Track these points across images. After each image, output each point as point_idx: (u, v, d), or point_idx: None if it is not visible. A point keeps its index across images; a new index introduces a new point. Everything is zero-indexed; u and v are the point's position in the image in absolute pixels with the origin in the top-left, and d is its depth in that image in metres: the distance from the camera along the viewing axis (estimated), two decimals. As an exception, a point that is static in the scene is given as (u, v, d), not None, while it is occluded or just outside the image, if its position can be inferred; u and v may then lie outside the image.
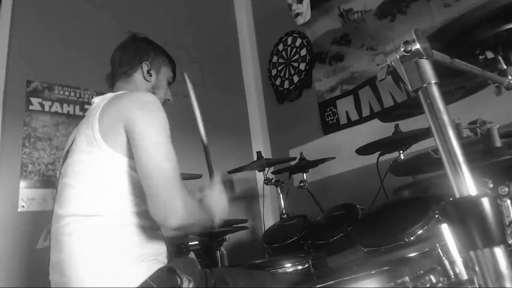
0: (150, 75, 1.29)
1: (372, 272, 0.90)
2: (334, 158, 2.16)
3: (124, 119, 1.03)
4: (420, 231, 1.14)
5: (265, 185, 2.30)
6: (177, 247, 2.06)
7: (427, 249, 0.96)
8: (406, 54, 0.53)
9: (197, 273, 1.07)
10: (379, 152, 1.80)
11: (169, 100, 1.36)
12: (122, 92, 1.18)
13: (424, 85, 0.53)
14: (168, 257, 1.10)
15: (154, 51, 1.32)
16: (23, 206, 2.00)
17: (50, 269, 1.05)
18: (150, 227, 1.06)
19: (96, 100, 1.19)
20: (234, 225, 2.06)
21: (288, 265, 1.40)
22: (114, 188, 1.02)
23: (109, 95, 1.16)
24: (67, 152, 1.14)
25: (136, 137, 1.00)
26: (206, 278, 1.08)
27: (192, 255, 2.04)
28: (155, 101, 1.08)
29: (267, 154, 2.99)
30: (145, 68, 1.28)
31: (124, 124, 1.02)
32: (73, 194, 1.03)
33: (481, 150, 0.95)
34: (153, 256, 1.03)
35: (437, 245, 0.88)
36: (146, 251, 1.01)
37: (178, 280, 1.00)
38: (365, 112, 2.40)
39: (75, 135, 1.16)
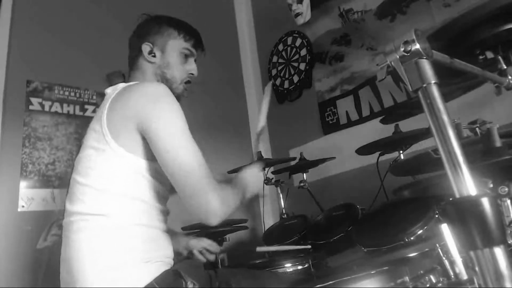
0: (154, 55, 1.19)
1: (372, 272, 0.90)
2: (334, 158, 2.16)
3: (135, 118, 0.99)
4: (420, 231, 1.14)
5: (265, 185, 2.30)
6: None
7: (427, 249, 0.97)
8: (406, 54, 0.53)
9: (202, 276, 1.07)
10: (379, 152, 1.80)
11: (192, 74, 1.25)
12: (131, 83, 1.13)
13: (424, 85, 0.53)
14: (174, 259, 1.09)
15: (158, 27, 1.22)
16: (23, 206, 2.00)
17: (60, 262, 1.05)
18: (156, 228, 1.06)
19: (108, 90, 1.15)
20: (234, 225, 2.06)
21: (288, 265, 1.40)
22: (119, 188, 1.01)
23: (121, 85, 1.12)
24: (80, 145, 1.12)
25: (153, 138, 0.97)
26: (210, 281, 1.07)
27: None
28: (165, 93, 1.03)
29: (267, 154, 2.99)
30: (146, 49, 1.19)
31: (137, 123, 0.99)
32: (81, 191, 1.02)
33: (481, 150, 0.95)
34: (159, 258, 1.02)
35: (437, 245, 0.88)
36: (152, 253, 1.00)
37: (183, 282, 0.99)
38: (365, 112, 2.40)
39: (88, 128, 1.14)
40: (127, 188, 1.02)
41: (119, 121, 1.01)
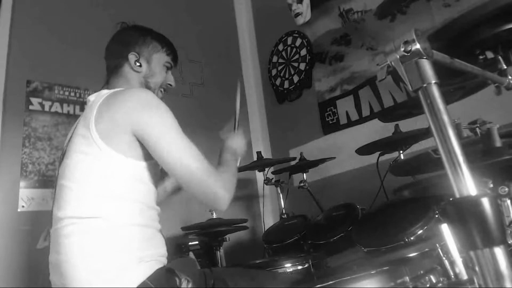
0: (140, 65, 1.24)
1: (372, 272, 0.90)
2: (334, 158, 2.16)
3: (130, 122, 1.03)
4: (420, 231, 1.14)
5: (265, 185, 2.30)
6: (177, 247, 2.07)
7: (427, 249, 0.97)
8: (406, 54, 0.53)
9: (196, 273, 1.07)
10: (379, 152, 1.80)
11: (170, 85, 1.33)
12: (117, 89, 1.16)
13: (424, 85, 0.53)
14: (168, 258, 1.10)
15: (143, 39, 1.26)
16: (23, 206, 2.00)
17: (50, 269, 1.05)
18: (150, 227, 1.06)
19: (92, 98, 1.17)
20: (234, 225, 2.06)
21: (288, 265, 1.40)
22: (113, 190, 1.01)
23: (105, 92, 1.15)
24: (64, 152, 1.13)
25: (153, 142, 1.03)
26: (205, 279, 1.08)
27: (191, 255, 2.04)
28: (156, 99, 1.09)
29: (267, 154, 2.99)
30: (133, 59, 1.23)
31: (132, 127, 1.02)
32: (71, 196, 1.02)
33: (481, 150, 0.95)
34: (153, 257, 1.02)
35: (437, 245, 0.88)
36: (146, 252, 1.01)
37: (177, 280, 0.99)
38: (365, 112, 2.40)
39: (71, 134, 1.16)
40: (120, 190, 1.02)
41: (110, 125, 1.03)
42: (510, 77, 0.89)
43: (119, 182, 1.02)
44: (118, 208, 1.01)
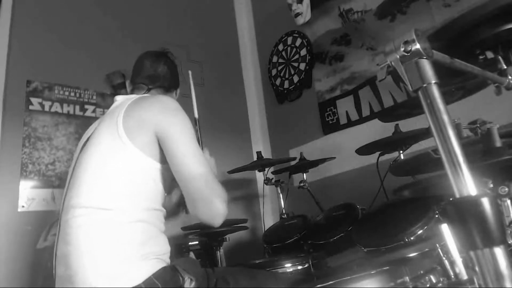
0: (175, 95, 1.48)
1: (372, 272, 0.90)
2: (334, 158, 2.16)
3: (155, 123, 1.10)
4: (420, 231, 1.14)
5: (265, 185, 2.30)
6: (177, 247, 2.06)
7: (427, 249, 0.97)
8: (406, 54, 0.53)
9: (199, 273, 1.09)
10: (379, 152, 1.80)
11: None
12: (147, 95, 1.28)
13: (424, 85, 0.53)
14: (170, 257, 1.11)
15: (179, 82, 1.51)
16: (23, 206, 2.00)
17: (56, 262, 1.06)
18: (156, 225, 1.09)
19: (119, 98, 1.27)
20: (234, 225, 2.06)
21: (288, 265, 1.40)
22: (128, 184, 1.05)
23: (134, 95, 1.24)
24: (83, 146, 1.18)
25: (169, 141, 1.08)
26: (207, 278, 1.09)
27: (191, 255, 2.04)
28: (179, 106, 1.19)
29: (267, 154, 2.99)
30: (177, 93, 1.48)
31: (155, 128, 1.09)
32: (86, 185, 1.06)
33: (481, 150, 0.95)
34: (157, 255, 1.04)
35: (437, 245, 0.88)
36: (151, 249, 1.02)
37: (181, 279, 1.02)
38: (365, 112, 2.40)
39: (92, 130, 1.21)
40: (133, 185, 1.06)
41: (136, 123, 1.10)
42: (510, 77, 0.89)
43: (133, 177, 1.06)
44: (128, 203, 1.03)
